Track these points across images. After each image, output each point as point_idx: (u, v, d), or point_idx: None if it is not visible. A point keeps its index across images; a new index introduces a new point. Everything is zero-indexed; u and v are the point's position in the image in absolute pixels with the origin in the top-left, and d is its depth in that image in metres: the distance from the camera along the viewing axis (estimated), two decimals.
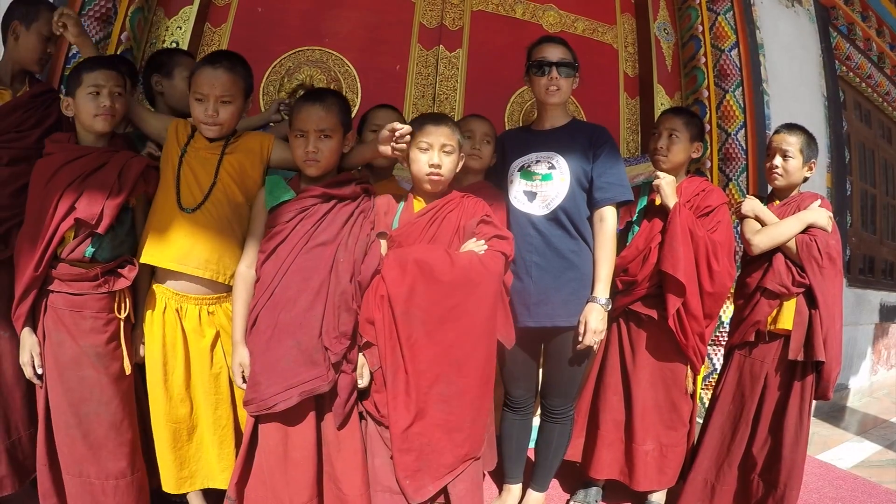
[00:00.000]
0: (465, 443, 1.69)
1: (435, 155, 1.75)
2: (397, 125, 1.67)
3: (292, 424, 1.63)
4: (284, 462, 1.62)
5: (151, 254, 1.66)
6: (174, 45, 2.70)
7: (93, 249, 1.62)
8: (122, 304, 1.68)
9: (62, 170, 1.62)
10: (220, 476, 1.75)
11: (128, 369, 1.67)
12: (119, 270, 1.67)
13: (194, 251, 1.66)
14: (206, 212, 1.68)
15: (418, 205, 1.84)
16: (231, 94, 1.72)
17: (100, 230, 1.60)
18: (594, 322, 1.91)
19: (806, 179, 2.21)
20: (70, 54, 2.30)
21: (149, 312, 1.71)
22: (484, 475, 1.91)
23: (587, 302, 1.94)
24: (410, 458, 1.65)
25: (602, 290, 1.95)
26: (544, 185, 1.95)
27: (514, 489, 2.14)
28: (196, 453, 1.75)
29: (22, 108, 1.78)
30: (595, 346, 1.96)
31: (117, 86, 1.69)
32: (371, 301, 1.70)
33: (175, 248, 1.65)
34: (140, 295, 1.74)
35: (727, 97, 3.46)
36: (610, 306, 1.98)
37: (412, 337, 1.66)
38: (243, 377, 1.66)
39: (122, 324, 1.67)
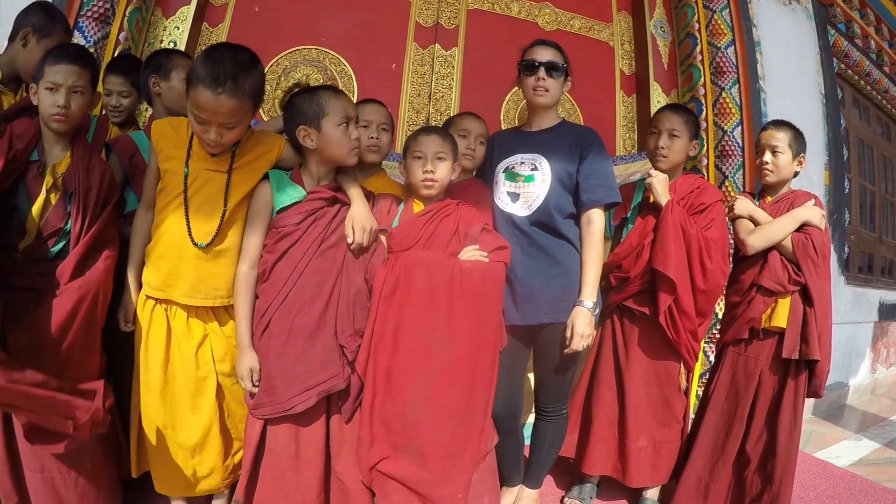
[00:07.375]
0: (481, 443, 1.73)
1: (429, 162, 1.82)
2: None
3: (304, 424, 1.65)
4: (296, 461, 1.64)
5: (163, 290, 1.63)
6: (172, 45, 2.72)
7: (58, 248, 1.57)
8: None
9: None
10: (203, 483, 1.71)
11: None
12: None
13: (201, 284, 1.64)
14: (218, 243, 1.64)
15: (417, 206, 1.89)
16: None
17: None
18: (581, 326, 1.86)
19: (796, 174, 2.21)
20: None
21: (137, 312, 1.68)
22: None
23: (574, 306, 1.90)
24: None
25: (589, 294, 1.90)
26: (527, 187, 1.95)
27: (514, 490, 2.15)
28: (175, 457, 1.69)
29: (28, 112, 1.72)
30: (583, 349, 1.90)
31: (77, 84, 1.58)
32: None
33: (184, 282, 1.63)
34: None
35: (723, 94, 3.46)
36: (597, 310, 1.94)
37: (430, 340, 1.68)
38: (253, 381, 1.63)
39: None
